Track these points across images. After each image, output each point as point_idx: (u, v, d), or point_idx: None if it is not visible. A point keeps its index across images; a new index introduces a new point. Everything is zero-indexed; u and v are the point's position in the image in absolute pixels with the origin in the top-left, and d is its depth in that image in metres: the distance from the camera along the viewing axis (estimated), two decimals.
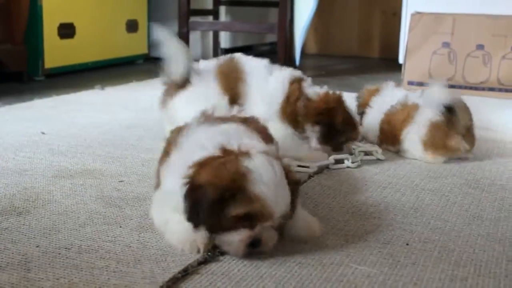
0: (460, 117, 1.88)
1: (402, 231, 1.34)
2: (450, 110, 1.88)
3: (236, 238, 1.14)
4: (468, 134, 1.92)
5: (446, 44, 3.32)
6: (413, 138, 1.93)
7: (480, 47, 3.26)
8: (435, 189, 1.64)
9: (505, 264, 1.19)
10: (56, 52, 3.43)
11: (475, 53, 3.27)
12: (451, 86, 3.26)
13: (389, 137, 2.00)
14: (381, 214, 1.44)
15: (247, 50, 4.94)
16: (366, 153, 1.93)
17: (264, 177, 1.12)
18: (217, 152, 1.18)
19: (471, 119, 1.93)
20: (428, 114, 1.91)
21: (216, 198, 1.10)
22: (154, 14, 4.42)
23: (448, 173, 1.79)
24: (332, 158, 1.84)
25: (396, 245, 1.26)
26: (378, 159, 1.91)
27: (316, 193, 1.57)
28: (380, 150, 1.93)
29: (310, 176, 1.72)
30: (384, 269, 1.15)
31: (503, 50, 3.24)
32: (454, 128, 1.89)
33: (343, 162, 1.83)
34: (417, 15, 3.43)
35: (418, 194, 1.59)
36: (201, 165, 1.16)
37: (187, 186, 1.13)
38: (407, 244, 1.27)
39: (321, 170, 1.78)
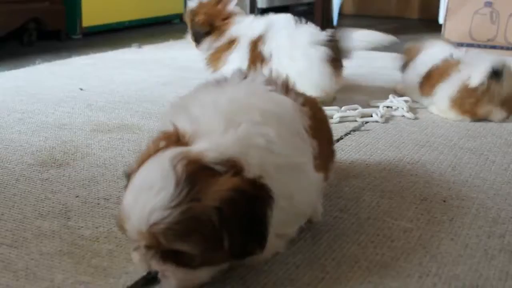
0: (503, 86, 1.83)
1: (439, 188, 1.32)
2: (496, 75, 1.82)
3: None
4: (509, 100, 1.87)
5: (488, 4, 3.24)
6: (442, 94, 1.90)
7: None
8: (474, 148, 1.62)
9: None
10: (93, 11, 3.44)
11: None
12: (493, 47, 3.20)
13: (426, 89, 1.98)
14: (418, 171, 1.43)
15: (284, 10, 4.89)
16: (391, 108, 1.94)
17: (135, 180, 0.84)
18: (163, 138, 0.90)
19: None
20: (464, 74, 1.87)
21: None
22: None
23: (487, 132, 1.77)
24: (358, 111, 1.85)
25: (433, 201, 1.25)
26: (403, 116, 1.89)
27: (353, 150, 1.57)
28: (406, 107, 1.92)
29: (347, 134, 1.71)
30: (421, 224, 1.14)
31: None
32: (488, 96, 1.84)
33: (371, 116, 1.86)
34: None
35: (456, 153, 1.57)
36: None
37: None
38: (444, 201, 1.26)
39: (358, 127, 1.77)
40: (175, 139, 0.88)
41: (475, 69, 1.85)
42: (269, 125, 0.90)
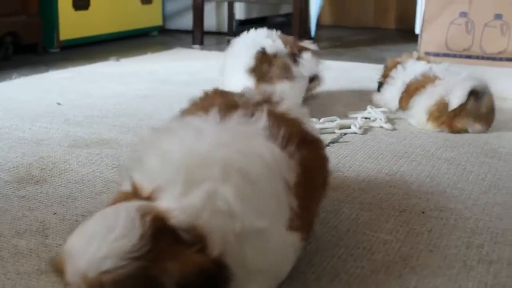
0: (482, 105, 1.86)
1: (418, 199, 1.33)
2: (476, 95, 1.85)
3: None
4: (486, 116, 1.88)
5: (463, 14, 3.28)
6: (419, 107, 1.92)
7: (498, 16, 3.21)
8: (452, 158, 1.63)
9: None
10: (70, 24, 3.43)
11: (492, 22, 3.22)
12: (468, 57, 3.24)
13: (404, 103, 2.00)
14: (397, 182, 1.44)
15: (262, 21, 4.91)
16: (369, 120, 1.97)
17: (89, 223, 0.76)
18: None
19: (491, 103, 1.88)
20: (441, 89, 1.89)
21: None
22: None
23: (464, 142, 1.78)
24: (337, 123, 1.87)
25: (412, 213, 1.26)
26: (381, 127, 1.91)
27: (332, 162, 1.56)
28: (384, 118, 1.94)
29: (325, 146, 1.71)
30: (400, 236, 1.15)
31: None
32: (466, 112, 1.86)
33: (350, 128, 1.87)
34: None
35: (434, 163, 1.58)
36: None
37: None
38: (423, 212, 1.26)
39: (337, 139, 1.78)
40: (133, 195, 0.81)
41: (454, 89, 1.87)
42: (229, 183, 0.81)
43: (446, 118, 1.87)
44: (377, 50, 3.61)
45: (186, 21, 4.28)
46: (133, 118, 1.96)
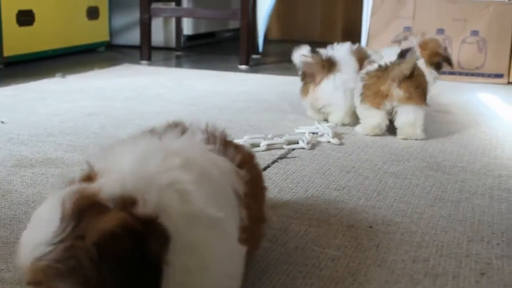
0: (404, 67, 1.96)
1: (365, 214, 1.35)
2: (401, 56, 2.01)
3: None
4: (411, 85, 1.97)
5: (407, 29, 3.35)
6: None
7: (441, 31, 3.29)
8: (398, 172, 1.65)
9: (466, 244, 1.20)
10: (15, 40, 3.37)
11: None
12: None
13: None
14: (344, 197, 1.45)
15: (210, 36, 4.92)
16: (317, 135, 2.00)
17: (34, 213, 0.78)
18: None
19: (409, 69, 1.97)
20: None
21: None
22: (115, 0, 4.37)
23: (410, 156, 1.81)
24: (285, 139, 1.88)
25: (360, 228, 1.27)
26: (329, 142, 1.93)
27: (280, 178, 1.58)
28: (331, 132, 1.96)
29: (274, 161, 1.72)
30: (349, 252, 1.16)
31: (462, 34, 3.28)
32: (392, 74, 1.96)
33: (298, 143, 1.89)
34: (379, 0, 3.45)
35: (381, 178, 1.61)
36: None
37: None
38: (371, 227, 1.28)
39: (285, 155, 1.79)
40: (86, 178, 0.82)
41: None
42: (188, 171, 0.81)
43: (374, 86, 2.00)
44: None
45: (134, 37, 4.25)
46: (79, 136, 1.93)
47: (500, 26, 3.23)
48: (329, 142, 1.93)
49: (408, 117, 1.97)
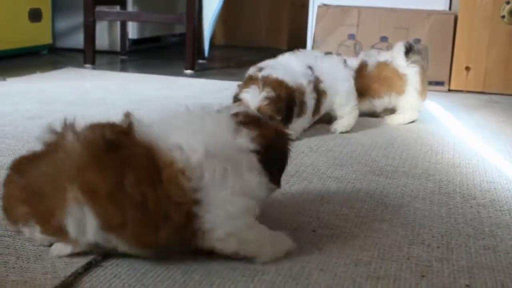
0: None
1: (309, 218, 1.35)
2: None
3: None
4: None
5: (351, 36, 3.39)
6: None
7: (384, 39, 3.35)
8: (341, 177, 1.67)
9: (407, 247, 1.22)
10: None
11: (379, 45, 3.35)
12: None
13: None
14: (288, 202, 1.45)
15: (156, 41, 4.88)
16: None
17: None
18: None
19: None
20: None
21: None
22: (59, 2, 4.29)
23: (353, 160, 1.83)
24: None
25: (303, 232, 1.28)
26: None
27: None
28: None
29: None
30: (291, 256, 1.16)
31: None
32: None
33: None
34: (324, 8, 3.49)
35: (325, 182, 1.62)
36: None
37: None
38: (314, 231, 1.28)
39: None
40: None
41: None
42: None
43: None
44: None
45: (77, 40, 4.19)
46: (19, 140, 1.89)
47: (441, 34, 3.30)
48: None
49: None
